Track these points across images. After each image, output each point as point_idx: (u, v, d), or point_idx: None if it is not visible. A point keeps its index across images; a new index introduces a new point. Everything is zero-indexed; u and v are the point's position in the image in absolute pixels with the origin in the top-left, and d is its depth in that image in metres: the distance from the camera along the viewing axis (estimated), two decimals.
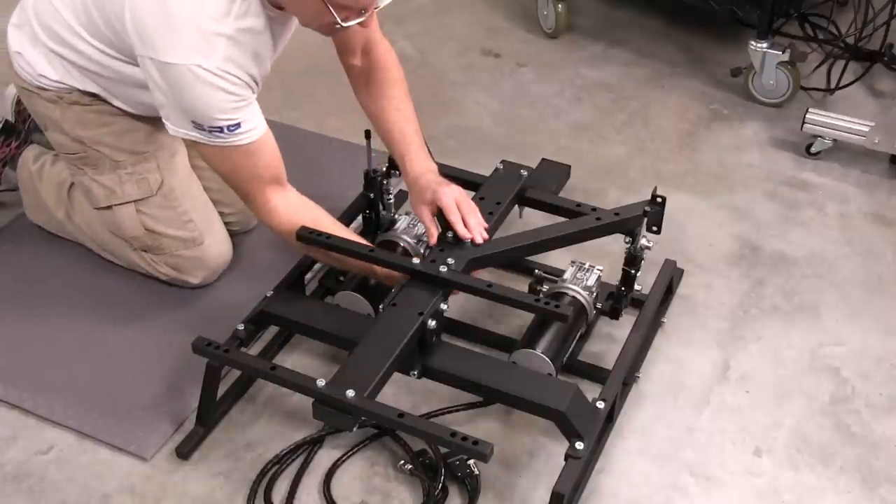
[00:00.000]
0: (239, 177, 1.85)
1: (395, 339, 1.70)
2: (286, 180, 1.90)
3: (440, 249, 1.89)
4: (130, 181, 2.03)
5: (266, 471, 1.78)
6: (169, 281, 2.13)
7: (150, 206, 2.05)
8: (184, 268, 2.10)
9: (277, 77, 2.80)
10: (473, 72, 2.94)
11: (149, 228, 2.06)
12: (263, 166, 1.84)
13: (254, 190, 1.86)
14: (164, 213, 2.06)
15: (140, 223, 2.06)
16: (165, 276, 2.12)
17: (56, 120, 2.01)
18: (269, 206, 1.87)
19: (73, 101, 1.99)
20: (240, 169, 1.83)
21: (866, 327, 2.09)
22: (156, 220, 2.06)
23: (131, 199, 2.04)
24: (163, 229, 2.06)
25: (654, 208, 1.91)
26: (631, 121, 2.73)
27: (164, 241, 2.07)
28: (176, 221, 2.07)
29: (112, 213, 2.07)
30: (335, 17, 1.67)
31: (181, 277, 2.11)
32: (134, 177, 2.03)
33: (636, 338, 1.86)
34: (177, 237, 2.07)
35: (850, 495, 1.76)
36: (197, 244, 2.09)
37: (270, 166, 1.85)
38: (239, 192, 1.89)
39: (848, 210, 2.40)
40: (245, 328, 1.85)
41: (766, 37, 2.65)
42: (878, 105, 2.75)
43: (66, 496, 1.77)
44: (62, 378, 1.96)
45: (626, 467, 1.80)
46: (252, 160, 1.82)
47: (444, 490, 1.74)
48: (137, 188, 2.04)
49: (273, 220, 1.89)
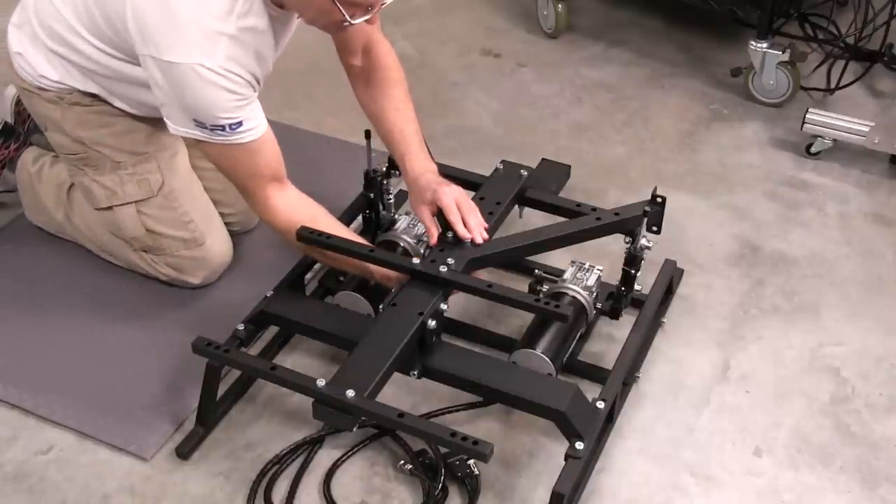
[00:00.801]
0: (239, 174, 1.86)
1: (395, 339, 1.70)
2: (286, 178, 1.90)
3: (440, 249, 1.89)
4: (131, 182, 2.03)
5: (266, 471, 1.78)
6: (169, 281, 2.13)
7: (150, 206, 2.05)
8: (184, 268, 2.10)
9: (277, 77, 2.79)
10: (473, 72, 2.94)
11: (149, 229, 2.06)
12: (264, 164, 1.84)
13: (254, 187, 1.86)
14: (165, 213, 2.06)
15: (141, 224, 2.06)
16: (166, 276, 2.12)
17: (57, 120, 2.01)
18: (268, 204, 1.88)
19: (74, 102, 1.98)
20: (241, 166, 1.84)
21: (866, 327, 2.09)
22: (157, 220, 2.06)
23: (132, 200, 2.04)
24: (164, 230, 2.06)
25: (654, 208, 1.91)
26: (631, 121, 2.73)
27: (164, 241, 2.07)
28: (177, 222, 2.07)
29: (113, 214, 2.07)
30: (343, 14, 1.67)
31: (182, 278, 2.11)
32: (135, 177, 2.03)
33: (636, 338, 1.86)
34: (178, 238, 2.07)
35: (850, 495, 1.76)
36: (198, 244, 2.09)
37: (271, 164, 1.85)
38: (239, 189, 1.90)
39: (848, 210, 2.40)
40: (245, 328, 1.85)
41: (766, 37, 2.65)
42: (878, 105, 2.75)
43: (66, 496, 1.77)
44: (62, 378, 1.96)
45: (626, 467, 1.80)
46: (253, 158, 1.82)
47: (444, 490, 1.74)
48: (138, 189, 2.04)
49: (272, 217, 1.89)
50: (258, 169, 1.84)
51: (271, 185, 1.87)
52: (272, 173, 1.86)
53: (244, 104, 1.76)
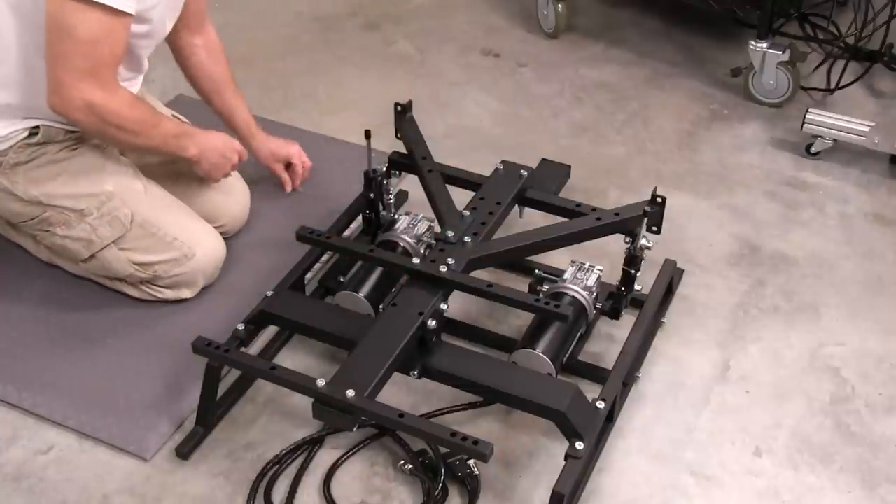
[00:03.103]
0: (80, 51, 1.76)
1: (395, 339, 1.70)
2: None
3: (440, 249, 1.89)
4: (102, 224, 1.98)
5: (266, 471, 1.78)
6: (169, 300, 2.09)
7: (129, 241, 2.00)
8: (183, 283, 2.07)
9: (277, 77, 2.81)
10: (473, 72, 2.94)
11: (138, 262, 2.02)
12: (114, 48, 1.78)
13: (88, 68, 1.78)
14: (147, 242, 2.01)
15: (128, 260, 2.01)
16: (165, 298, 2.09)
17: (6, 188, 1.96)
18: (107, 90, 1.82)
19: (15, 163, 1.94)
20: (83, 39, 1.74)
21: (866, 327, 2.09)
22: (142, 251, 2.01)
23: (110, 241, 2.00)
24: (152, 258, 2.02)
25: (654, 208, 1.91)
26: (631, 121, 2.73)
27: (157, 267, 2.03)
28: (161, 245, 2.02)
29: (97, 261, 2.03)
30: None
31: (179, 295, 2.09)
32: (104, 219, 1.98)
33: (636, 338, 1.86)
34: (168, 260, 2.03)
35: (850, 495, 1.76)
36: (188, 259, 2.04)
37: (117, 53, 1.79)
38: (59, 61, 1.78)
39: (848, 210, 2.40)
40: (245, 328, 1.85)
41: (766, 37, 2.65)
42: (878, 105, 2.75)
43: (66, 496, 1.77)
44: (62, 378, 1.96)
45: (626, 467, 1.80)
46: (104, 35, 1.75)
47: (444, 490, 1.74)
48: (111, 228, 1.99)
49: (110, 97, 1.82)
50: (104, 49, 1.76)
51: (107, 73, 1.80)
52: (116, 62, 1.80)
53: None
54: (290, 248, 2.04)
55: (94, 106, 1.81)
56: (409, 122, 2.20)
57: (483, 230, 1.96)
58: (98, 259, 2.02)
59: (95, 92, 1.79)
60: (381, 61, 2.96)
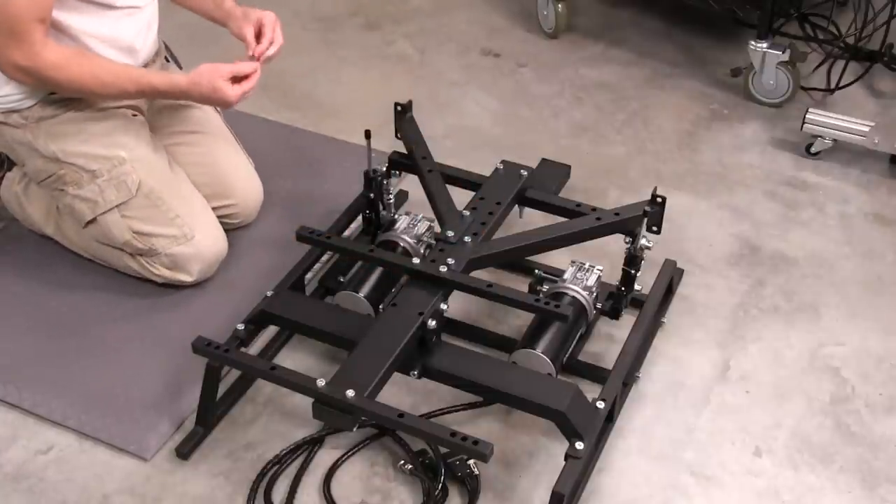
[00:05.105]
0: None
1: (395, 339, 1.70)
2: None
3: (440, 249, 1.89)
4: (109, 187, 2.02)
5: (266, 471, 1.78)
6: (165, 282, 2.12)
7: (133, 208, 2.04)
8: (179, 264, 2.08)
9: (277, 77, 2.81)
10: (473, 72, 2.94)
11: (136, 231, 2.05)
12: (26, 6, 1.76)
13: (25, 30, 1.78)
14: (149, 212, 2.05)
15: (127, 227, 2.05)
16: (161, 277, 2.10)
17: (29, 142, 2.01)
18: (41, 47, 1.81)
19: (39, 118, 1.98)
20: None
21: (866, 327, 2.09)
22: (142, 220, 2.05)
23: (114, 205, 2.03)
24: (150, 229, 2.05)
25: (654, 208, 1.91)
26: (631, 121, 2.73)
27: (154, 241, 2.06)
28: (162, 219, 2.05)
29: (99, 225, 2.06)
30: None
31: (177, 277, 2.10)
32: (112, 182, 2.02)
33: (636, 338, 1.86)
34: (167, 235, 2.06)
35: (850, 495, 1.76)
36: (188, 239, 2.07)
37: (33, 13, 1.77)
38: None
39: (848, 210, 2.40)
40: (245, 328, 1.85)
41: (766, 37, 2.65)
42: (878, 105, 2.75)
43: (66, 496, 1.77)
44: (62, 378, 1.96)
45: (626, 467, 1.80)
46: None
47: (444, 490, 1.74)
48: (117, 192, 2.03)
49: (46, 57, 1.81)
50: (19, 8, 1.75)
51: (36, 32, 1.78)
52: (37, 20, 1.78)
53: None
54: (290, 248, 2.04)
55: (23, 68, 1.83)
56: (409, 122, 2.20)
57: (483, 230, 1.96)
58: (99, 224, 2.06)
59: (16, 53, 1.80)
60: (381, 61, 2.96)
